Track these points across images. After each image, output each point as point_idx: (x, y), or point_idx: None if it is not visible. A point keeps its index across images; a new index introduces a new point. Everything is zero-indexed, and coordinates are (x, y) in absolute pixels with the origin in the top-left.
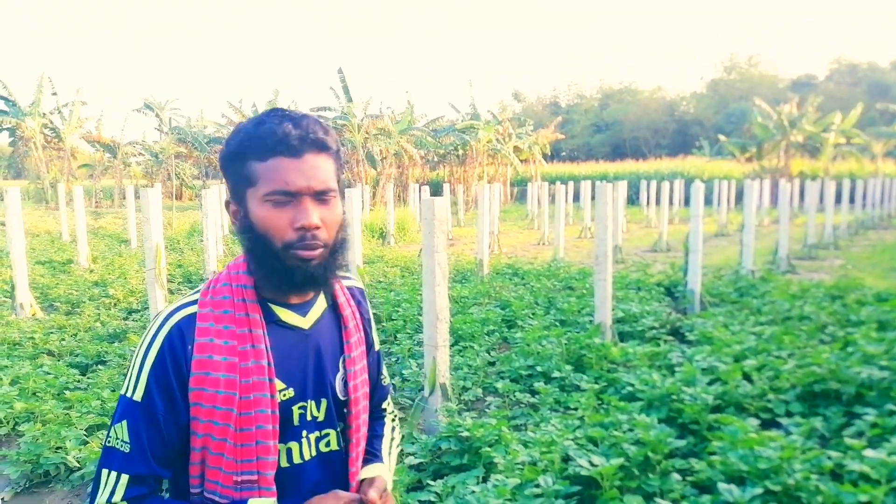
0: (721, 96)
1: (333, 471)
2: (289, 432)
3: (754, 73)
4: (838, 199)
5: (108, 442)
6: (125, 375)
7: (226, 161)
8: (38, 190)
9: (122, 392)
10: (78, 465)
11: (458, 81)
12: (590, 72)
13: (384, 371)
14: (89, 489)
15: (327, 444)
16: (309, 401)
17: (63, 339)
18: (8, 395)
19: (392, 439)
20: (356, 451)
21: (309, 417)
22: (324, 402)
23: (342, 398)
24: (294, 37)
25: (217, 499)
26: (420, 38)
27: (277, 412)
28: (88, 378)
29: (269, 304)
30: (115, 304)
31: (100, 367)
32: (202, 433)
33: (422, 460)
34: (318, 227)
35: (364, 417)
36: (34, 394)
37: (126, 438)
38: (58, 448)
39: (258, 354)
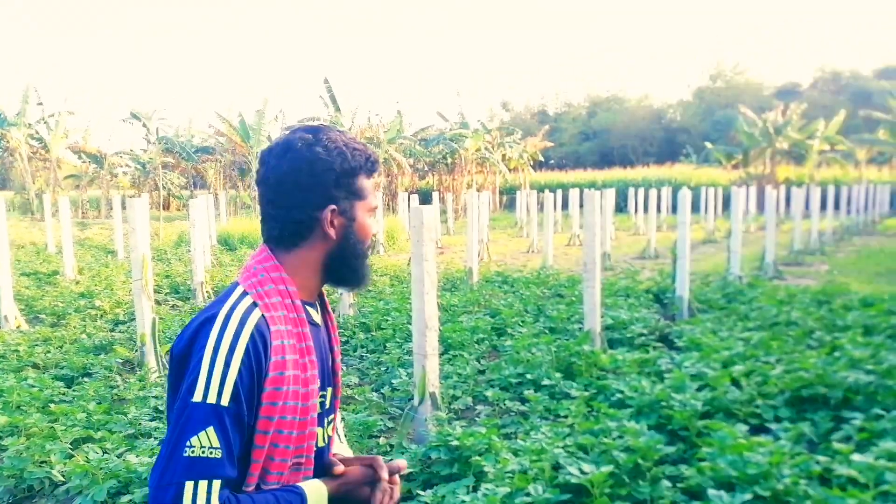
0: (707, 104)
1: (329, 451)
2: (318, 418)
3: (739, 81)
4: (823, 206)
5: (190, 452)
6: (194, 380)
7: (339, 176)
8: (24, 201)
9: (198, 399)
10: (63, 480)
11: (447, 91)
12: (577, 79)
13: None
14: (75, 503)
15: (332, 428)
16: (327, 388)
17: (48, 352)
18: None
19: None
20: (333, 433)
21: (328, 405)
22: (329, 391)
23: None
24: (282, 46)
25: (275, 487)
26: (408, 48)
27: (317, 401)
28: (74, 391)
29: (305, 304)
30: (101, 316)
31: (85, 379)
32: (272, 430)
33: (411, 470)
34: None
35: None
36: (18, 407)
37: (216, 444)
38: (42, 462)
39: (309, 351)
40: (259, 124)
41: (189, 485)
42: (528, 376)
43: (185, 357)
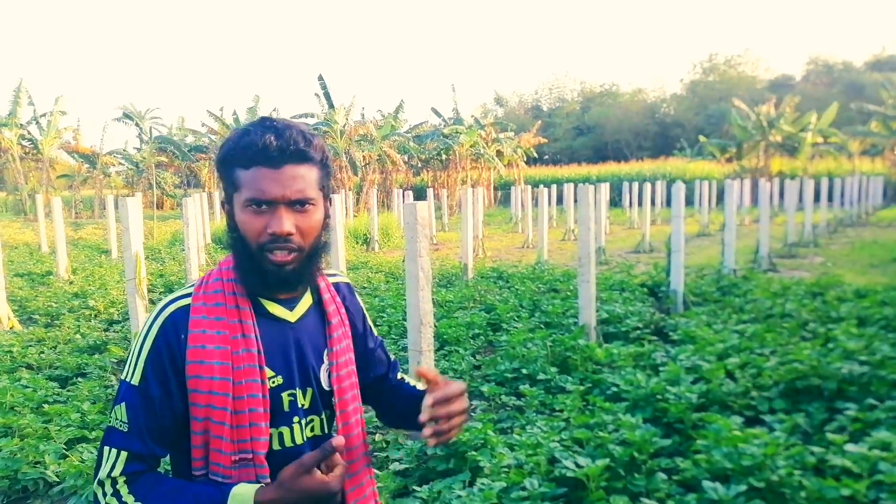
0: (700, 98)
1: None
2: (280, 417)
3: (733, 75)
4: (817, 198)
5: (110, 422)
6: (125, 362)
7: (217, 166)
8: (17, 201)
9: (123, 377)
10: (57, 480)
11: (441, 87)
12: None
13: (387, 351)
14: (69, 503)
15: (312, 430)
16: (297, 389)
17: (42, 352)
18: None
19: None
20: (346, 437)
21: (299, 405)
22: (309, 391)
23: (326, 388)
24: (275, 43)
25: (220, 479)
26: (402, 44)
27: (268, 397)
28: (68, 391)
29: (259, 298)
30: (95, 316)
31: (80, 379)
32: (202, 417)
33: (407, 466)
34: (290, 234)
35: (355, 406)
36: (12, 408)
37: (125, 419)
38: (36, 463)
39: (248, 343)
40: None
41: (105, 450)
42: (524, 371)
43: None
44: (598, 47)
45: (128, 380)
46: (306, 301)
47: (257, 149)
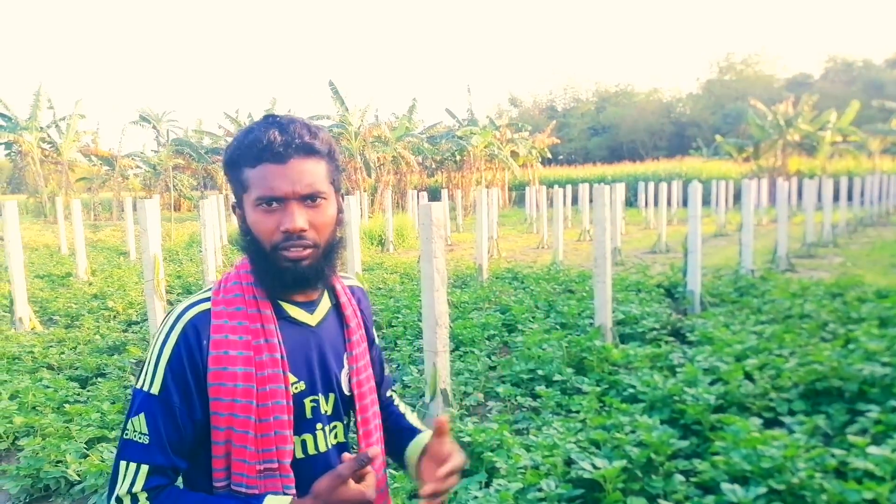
0: (717, 97)
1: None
2: (303, 424)
3: (750, 74)
4: (836, 197)
5: (126, 435)
6: (140, 370)
7: (225, 168)
8: (37, 204)
9: (138, 386)
10: (78, 479)
11: (455, 88)
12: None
13: (384, 364)
14: (90, 502)
15: (335, 437)
16: (319, 394)
17: (62, 353)
18: (7, 409)
19: (412, 412)
20: (366, 442)
21: (322, 411)
22: (331, 397)
23: (347, 393)
24: (291, 45)
25: (244, 490)
26: (417, 45)
27: (292, 403)
28: (88, 391)
29: (279, 301)
30: (114, 317)
31: (99, 379)
32: (224, 426)
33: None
34: (303, 230)
35: (374, 410)
36: (34, 408)
37: (144, 430)
38: (58, 462)
39: (272, 348)
40: None
41: (122, 465)
42: (540, 372)
43: None
44: (613, 47)
45: (145, 389)
46: (325, 304)
47: (262, 145)
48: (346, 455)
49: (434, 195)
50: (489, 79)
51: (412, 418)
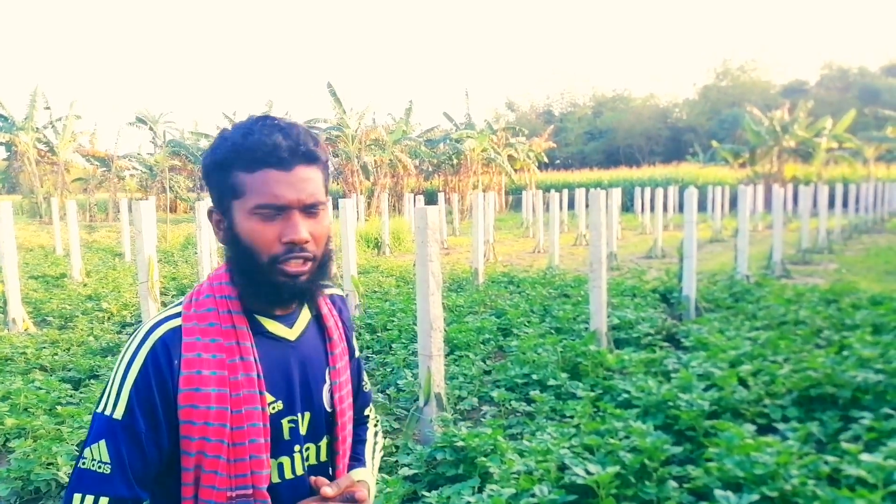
0: (713, 103)
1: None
2: (280, 447)
3: (746, 80)
4: (832, 204)
5: (82, 464)
6: (101, 393)
7: (210, 170)
8: (32, 204)
9: (99, 410)
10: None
11: (452, 92)
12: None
13: (365, 378)
14: None
15: (308, 459)
16: (298, 414)
17: (55, 354)
18: None
19: (375, 444)
20: (341, 464)
21: (300, 432)
22: (307, 416)
23: (328, 410)
24: (288, 47)
25: None
26: (414, 48)
27: (269, 425)
28: (81, 393)
29: (255, 316)
30: (108, 318)
31: (92, 381)
32: (195, 451)
33: (417, 471)
34: (307, 242)
35: (349, 428)
36: (25, 409)
37: (105, 459)
38: (49, 464)
39: (247, 367)
40: None
41: (77, 497)
42: (534, 377)
43: None
44: (611, 52)
45: (107, 413)
46: (305, 316)
47: (266, 149)
48: (318, 479)
49: (431, 199)
50: (486, 83)
51: (367, 451)
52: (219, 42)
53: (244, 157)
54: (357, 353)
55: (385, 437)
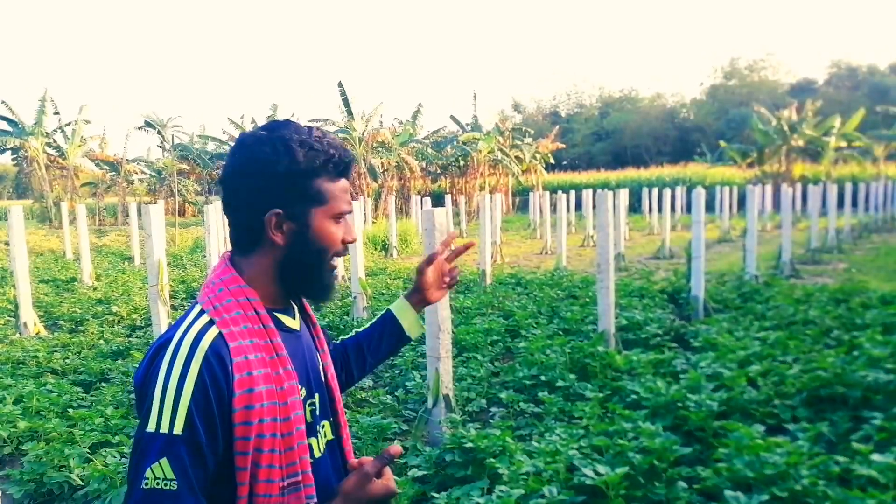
0: (721, 102)
1: (335, 459)
2: (309, 429)
3: (754, 79)
4: (841, 203)
5: (145, 485)
6: (147, 412)
7: (289, 175)
8: (42, 209)
9: (151, 429)
10: (81, 484)
11: (459, 94)
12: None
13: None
14: None
15: (325, 435)
16: (315, 395)
17: (66, 357)
18: (11, 413)
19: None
20: (345, 435)
21: (318, 412)
22: (317, 396)
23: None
24: (295, 51)
25: None
26: (420, 50)
27: (305, 412)
28: (92, 396)
29: (273, 312)
30: (118, 322)
31: (103, 384)
32: (251, 449)
33: (426, 473)
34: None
35: (342, 404)
36: (38, 412)
37: (171, 476)
38: (61, 466)
39: (283, 361)
40: None
41: None
42: (543, 378)
43: (144, 386)
44: (617, 52)
45: (163, 431)
46: (295, 308)
47: (339, 160)
48: (359, 460)
49: (438, 200)
50: (493, 85)
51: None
52: (225, 46)
53: (324, 166)
54: None
55: (395, 439)
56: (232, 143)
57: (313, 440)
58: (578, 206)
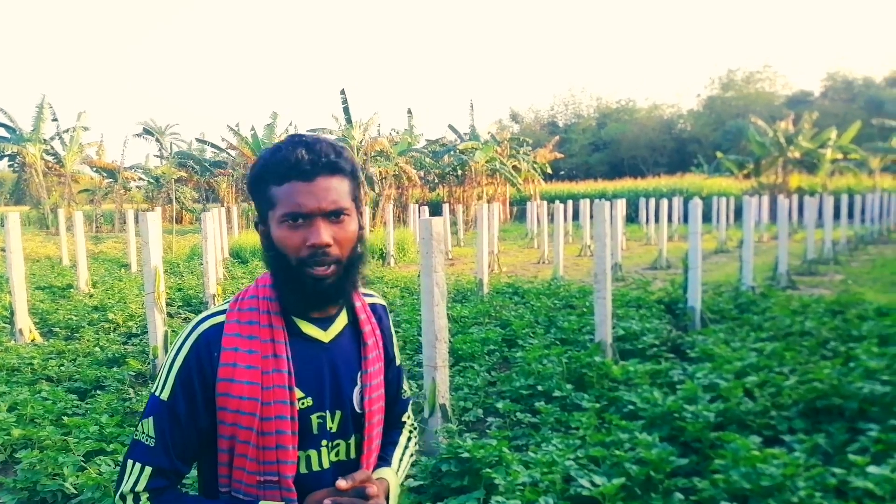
0: (718, 114)
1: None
2: (308, 440)
3: (750, 91)
4: (837, 215)
5: (136, 435)
6: (157, 376)
7: (251, 185)
8: (39, 215)
9: (153, 391)
10: (75, 492)
11: (457, 104)
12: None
13: (405, 385)
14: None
15: (337, 454)
16: (326, 411)
17: (62, 365)
18: (5, 421)
19: (406, 448)
20: (366, 462)
21: (327, 427)
22: (338, 414)
23: (358, 410)
24: (293, 60)
25: (241, 497)
26: (418, 61)
27: (297, 419)
28: (87, 403)
29: (293, 318)
30: (114, 329)
31: (98, 392)
32: (228, 435)
33: (422, 483)
34: (328, 245)
35: (378, 430)
36: (32, 420)
37: (151, 433)
38: (55, 475)
39: (279, 364)
40: (269, 138)
41: (129, 463)
42: (539, 388)
43: None
44: (615, 63)
45: (157, 394)
46: (341, 321)
47: (290, 164)
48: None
49: (435, 209)
50: (491, 95)
51: (396, 453)
52: (224, 54)
53: (273, 172)
54: (398, 362)
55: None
56: (231, 151)
57: (312, 452)
58: (576, 215)
